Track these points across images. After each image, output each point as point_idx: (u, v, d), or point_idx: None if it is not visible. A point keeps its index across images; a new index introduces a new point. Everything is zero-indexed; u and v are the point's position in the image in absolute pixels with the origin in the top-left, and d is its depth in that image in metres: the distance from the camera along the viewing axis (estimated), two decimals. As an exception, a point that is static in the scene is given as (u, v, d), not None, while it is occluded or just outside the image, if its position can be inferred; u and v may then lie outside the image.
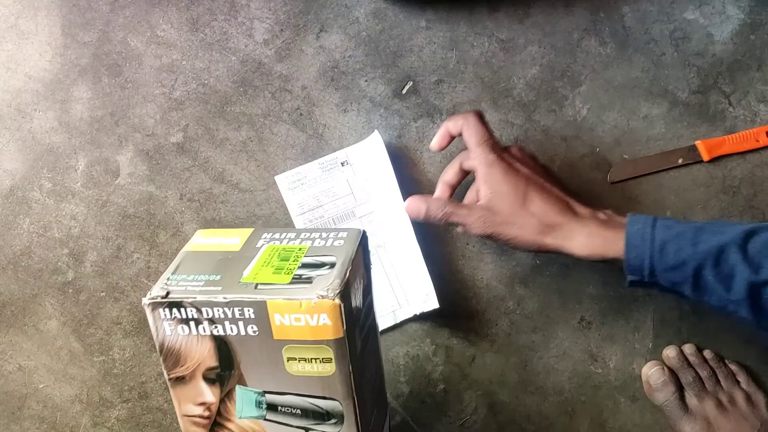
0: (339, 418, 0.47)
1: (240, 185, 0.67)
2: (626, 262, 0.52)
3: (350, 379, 0.45)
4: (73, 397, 0.66)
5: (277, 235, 0.51)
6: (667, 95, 0.71)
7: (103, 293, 0.65)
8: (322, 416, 0.47)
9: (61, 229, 0.65)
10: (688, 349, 0.70)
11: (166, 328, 0.45)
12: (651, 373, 0.69)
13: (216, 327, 0.45)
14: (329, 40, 0.68)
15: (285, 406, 0.47)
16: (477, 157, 0.57)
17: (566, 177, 0.69)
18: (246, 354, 0.46)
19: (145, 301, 0.45)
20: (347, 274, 0.45)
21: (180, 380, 0.47)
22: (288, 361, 0.45)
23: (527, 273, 0.69)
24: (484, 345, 0.69)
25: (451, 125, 0.60)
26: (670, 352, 0.69)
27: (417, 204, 0.58)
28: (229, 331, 0.45)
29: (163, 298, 0.44)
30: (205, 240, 0.51)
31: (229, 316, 0.44)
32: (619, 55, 0.70)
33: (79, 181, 0.65)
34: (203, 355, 0.46)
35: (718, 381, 0.69)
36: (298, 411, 0.47)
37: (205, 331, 0.45)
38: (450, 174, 0.61)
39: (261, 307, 0.43)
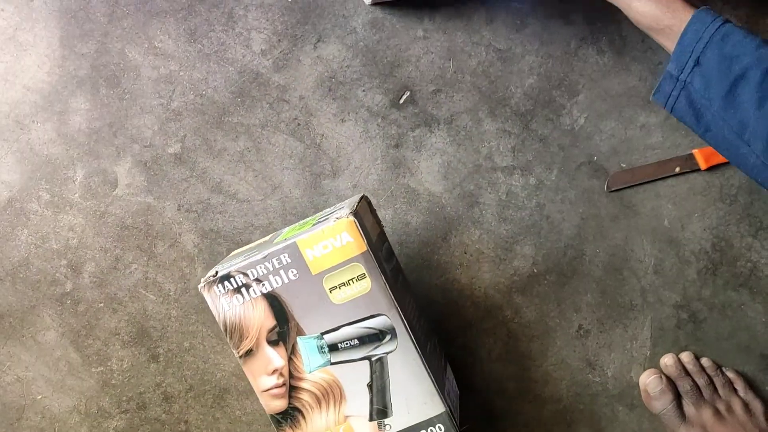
0: (391, 332, 0.51)
1: (238, 195, 0.67)
2: (680, 38, 0.49)
3: (387, 289, 0.51)
4: (72, 408, 0.66)
5: (295, 223, 0.59)
6: (664, 104, 0.71)
7: (102, 304, 0.65)
8: (377, 336, 0.52)
9: (59, 240, 0.65)
10: (686, 357, 0.70)
11: (224, 304, 0.51)
12: (649, 381, 0.69)
13: (263, 284, 0.51)
14: (327, 51, 0.68)
15: (343, 341, 0.52)
16: None
17: (564, 186, 0.70)
18: (295, 300, 0.51)
19: (201, 285, 0.51)
20: (356, 206, 0.52)
21: (249, 354, 0.52)
22: (331, 292, 0.51)
23: (525, 282, 0.69)
24: (481, 354, 0.69)
25: None
26: (667, 361, 0.70)
27: None
28: (275, 284, 0.51)
29: (213, 276, 0.51)
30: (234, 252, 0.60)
31: (271, 268, 0.51)
32: (616, 64, 0.70)
33: (77, 192, 0.65)
34: (261, 318, 0.51)
35: (715, 389, 0.69)
36: (356, 341, 0.51)
37: (255, 293, 0.51)
38: None
39: (293, 249, 0.50)
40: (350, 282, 0.51)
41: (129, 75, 0.66)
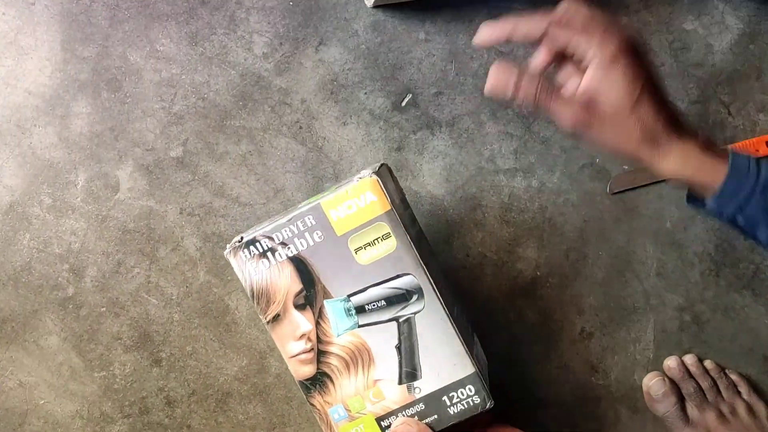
0: (418, 292, 0.51)
1: (240, 199, 0.67)
2: (720, 192, 0.47)
3: (412, 248, 0.51)
4: (74, 413, 0.65)
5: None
6: (666, 106, 0.71)
7: (104, 308, 0.65)
8: (404, 297, 0.51)
9: (61, 244, 0.65)
10: (689, 359, 0.70)
11: (250, 270, 0.51)
12: (652, 384, 0.69)
13: (289, 248, 0.51)
14: (328, 54, 0.68)
15: (370, 303, 0.51)
16: (599, 45, 0.47)
17: (566, 188, 0.69)
18: (321, 262, 0.51)
19: (227, 251, 0.51)
20: (378, 168, 0.52)
21: (276, 319, 0.52)
22: (356, 252, 0.51)
23: (527, 284, 0.69)
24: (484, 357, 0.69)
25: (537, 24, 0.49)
26: (671, 363, 0.69)
27: (504, 76, 0.48)
28: (300, 247, 0.51)
29: (239, 242, 0.51)
30: None
31: (296, 231, 0.50)
32: (618, 66, 0.70)
33: (79, 196, 0.65)
34: (287, 282, 0.51)
35: (719, 392, 0.69)
36: (383, 302, 0.51)
37: (281, 256, 0.51)
38: (541, 58, 0.52)
39: (317, 210, 0.50)
40: (375, 242, 0.51)
41: (130, 78, 0.66)
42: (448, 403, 0.52)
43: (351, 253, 0.51)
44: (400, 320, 0.51)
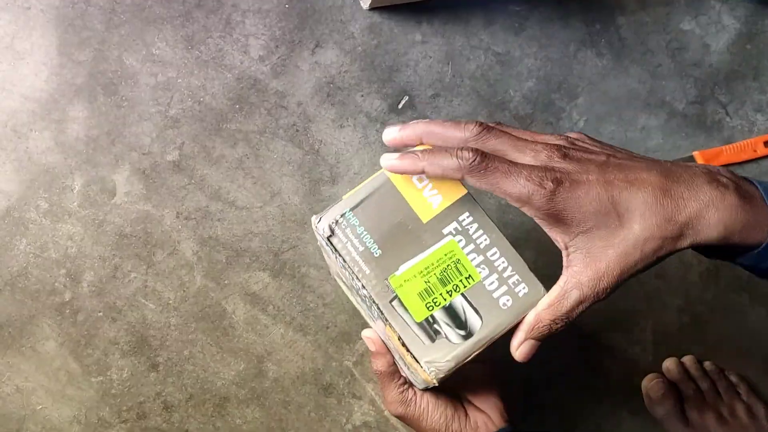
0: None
1: (237, 203, 0.66)
2: (763, 251, 0.39)
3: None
4: (72, 418, 0.65)
5: (469, 230, 0.44)
6: (664, 106, 0.71)
7: (101, 313, 0.65)
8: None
9: (57, 249, 0.65)
10: (689, 361, 0.70)
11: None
12: (651, 385, 0.68)
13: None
14: (325, 56, 0.67)
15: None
16: (530, 213, 0.41)
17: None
18: None
19: (315, 222, 0.43)
20: (466, 358, 0.42)
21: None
22: None
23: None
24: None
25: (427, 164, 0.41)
26: (670, 365, 0.69)
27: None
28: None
29: (324, 235, 0.43)
30: (412, 179, 0.44)
31: (362, 298, 0.44)
32: (615, 67, 0.70)
33: (76, 201, 0.65)
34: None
35: (718, 393, 0.69)
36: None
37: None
38: None
39: (381, 322, 0.43)
40: None
41: (127, 82, 0.66)
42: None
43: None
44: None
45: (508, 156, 0.40)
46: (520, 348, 0.43)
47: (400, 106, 0.68)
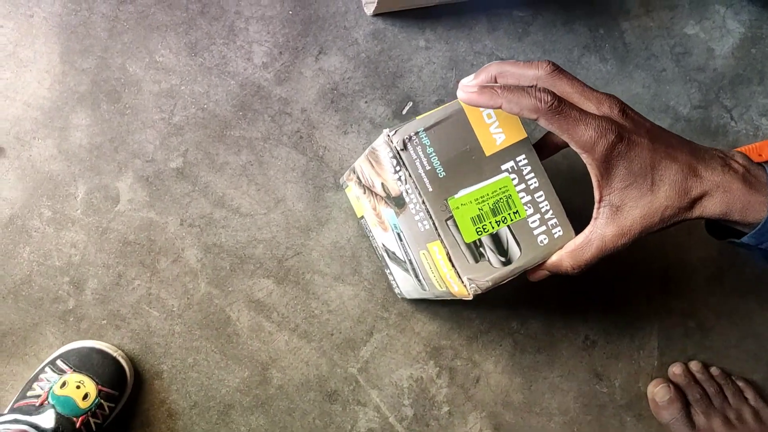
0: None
1: (241, 210, 0.66)
2: (759, 229, 0.43)
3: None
4: (76, 426, 0.65)
5: (523, 171, 0.48)
6: (668, 111, 0.70)
7: (105, 321, 0.65)
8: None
9: (61, 257, 0.65)
10: (695, 365, 0.69)
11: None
12: (657, 390, 0.68)
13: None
14: (328, 62, 0.67)
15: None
16: (588, 160, 0.43)
17: (569, 194, 0.69)
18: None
19: (388, 134, 0.47)
20: (501, 281, 0.47)
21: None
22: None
23: (530, 292, 0.69)
24: (488, 366, 0.68)
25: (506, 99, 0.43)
26: (676, 369, 0.69)
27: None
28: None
29: (397, 147, 0.47)
30: (482, 113, 0.48)
31: (420, 213, 0.47)
32: (619, 72, 0.70)
33: (79, 208, 0.65)
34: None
35: (725, 398, 0.68)
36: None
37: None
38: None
39: (432, 240, 0.47)
40: None
41: (130, 90, 0.66)
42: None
43: None
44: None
45: (573, 100, 0.43)
46: (537, 274, 0.49)
47: (404, 112, 0.68)
